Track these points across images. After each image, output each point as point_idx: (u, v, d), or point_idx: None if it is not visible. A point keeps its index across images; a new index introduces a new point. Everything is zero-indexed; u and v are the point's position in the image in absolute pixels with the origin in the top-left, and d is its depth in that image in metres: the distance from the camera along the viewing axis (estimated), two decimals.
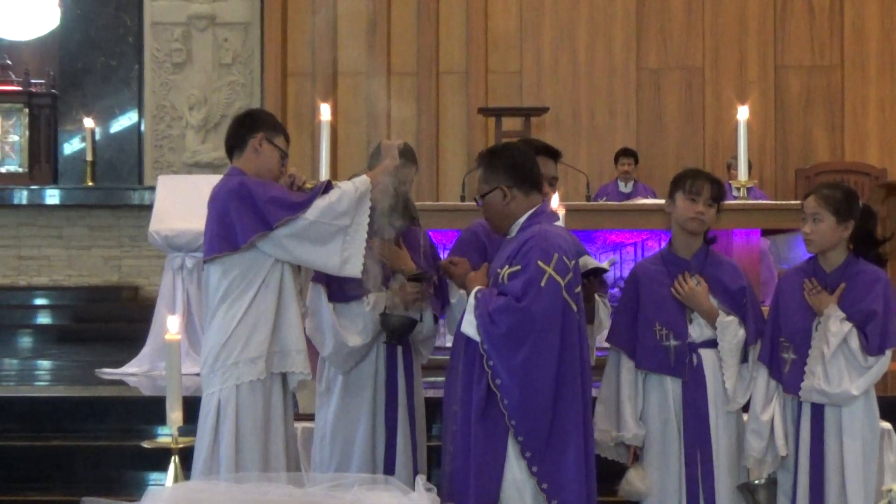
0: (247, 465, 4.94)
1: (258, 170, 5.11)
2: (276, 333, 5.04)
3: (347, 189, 5.01)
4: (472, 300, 4.74)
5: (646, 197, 11.20)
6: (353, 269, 5.00)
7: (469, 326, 4.71)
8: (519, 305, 4.59)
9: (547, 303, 4.60)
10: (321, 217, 4.94)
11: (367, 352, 5.32)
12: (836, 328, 5.02)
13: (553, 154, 5.42)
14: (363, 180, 5.07)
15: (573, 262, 4.73)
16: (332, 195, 4.99)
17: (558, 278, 4.62)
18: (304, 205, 4.95)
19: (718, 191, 5.28)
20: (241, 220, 4.93)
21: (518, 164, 4.91)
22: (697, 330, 5.26)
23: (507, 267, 4.71)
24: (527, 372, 4.58)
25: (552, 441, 4.62)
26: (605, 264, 5.23)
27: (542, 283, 4.59)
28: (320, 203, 4.96)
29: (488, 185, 4.88)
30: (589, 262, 5.13)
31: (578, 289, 4.75)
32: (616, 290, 7.59)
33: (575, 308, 4.68)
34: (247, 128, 5.18)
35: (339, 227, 4.96)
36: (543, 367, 4.59)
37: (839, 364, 5.02)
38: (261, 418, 5.00)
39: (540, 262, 4.62)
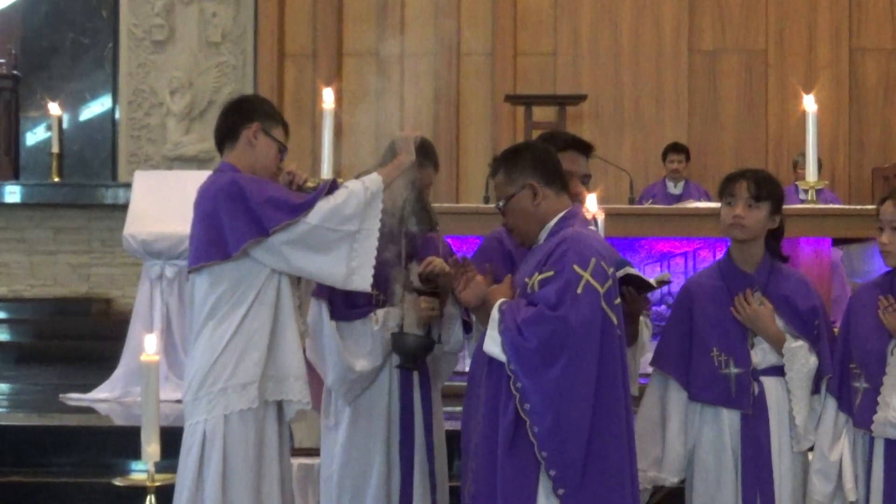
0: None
1: (252, 165, 5.12)
2: (271, 356, 5.02)
3: (356, 189, 5.01)
4: (495, 314, 4.72)
5: (698, 199, 11.19)
6: (362, 281, 5.00)
7: (492, 344, 4.69)
8: (553, 315, 4.56)
9: (584, 312, 4.58)
10: (325, 221, 4.94)
11: (374, 377, 5.32)
12: None
13: (584, 148, 5.43)
14: (374, 179, 5.07)
15: (612, 270, 4.73)
16: (339, 196, 4.99)
17: (596, 285, 4.61)
18: (305, 207, 4.95)
19: (758, 188, 5.22)
20: (232, 223, 4.92)
21: (544, 160, 4.93)
22: (760, 355, 5.24)
23: (536, 274, 4.70)
24: (560, 392, 4.55)
25: (590, 474, 4.59)
26: (652, 280, 5.21)
27: (579, 290, 4.59)
28: (324, 205, 4.96)
29: (514, 187, 4.88)
30: (631, 271, 5.12)
31: (618, 300, 4.75)
32: (663, 307, 7.60)
33: (615, 321, 4.67)
34: (240, 116, 5.17)
35: (345, 232, 4.95)
36: (579, 387, 4.56)
37: None
38: (252, 453, 4.99)
39: (576, 267, 4.61)
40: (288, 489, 5.23)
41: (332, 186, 5.05)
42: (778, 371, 5.22)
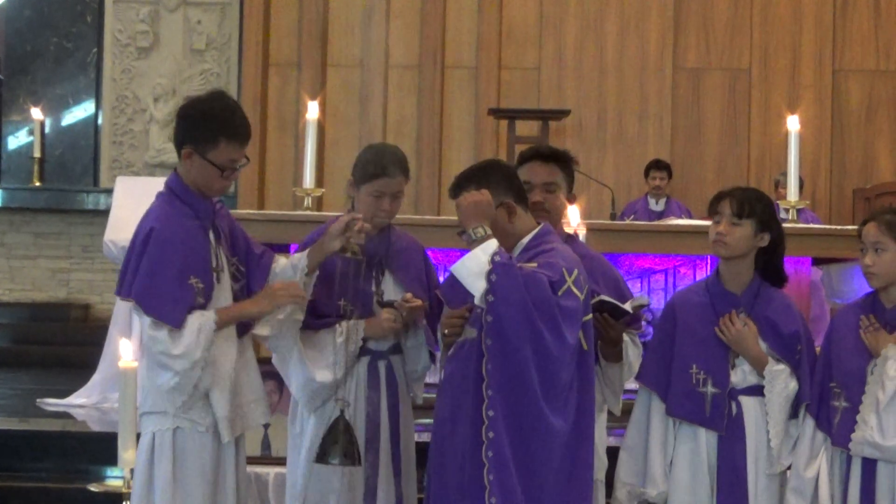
0: None
1: (195, 182, 4.99)
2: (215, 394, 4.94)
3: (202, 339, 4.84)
4: (493, 244, 4.55)
5: (680, 216, 11.21)
6: (176, 394, 4.86)
7: (474, 264, 4.52)
8: (554, 298, 4.53)
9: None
10: (164, 347, 4.79)
11: (337, 388, 5.27)
12: (894, 372, 5.00)
13: (543, 156, 5.39)
14: (209, 321, 4.87)
15: (587, 288, 4.73)
16: (199, 334, 4.82)
17: (577, 293, 4.62)
18: (168, 320, 4.78)
19: (740, 205, 5.20)
20: (130, 272, 4.87)
21: (514, 177, 4.92)
22: (740, 375, 5.23)
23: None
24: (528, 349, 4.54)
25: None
26: (627, 305, 5.21)
27: (560, 293, 4.58)
28: (187, 338, 4.80)
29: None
30: (605, 298, 5.13)
31: (588, 316, 4.75)
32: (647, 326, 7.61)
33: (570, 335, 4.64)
34: (178, 135, 5.03)
35: (171, 366, 4.82)
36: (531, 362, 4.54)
37: (895, 413, 5.03)
38: (209, 466, 4.93)
39: (564, 270, 4.62)
40: (244, 499, 5.18)
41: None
42: (757, 391, 5.20)
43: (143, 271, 4.81)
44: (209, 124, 4.93)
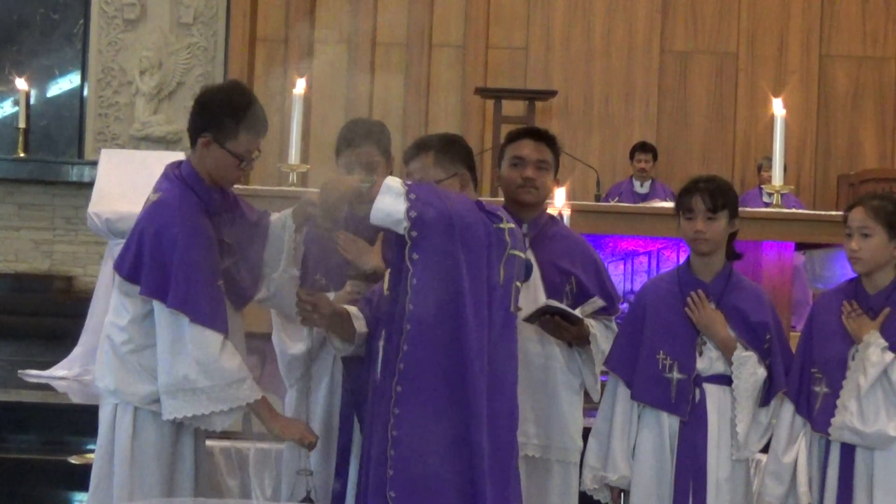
0: (148, 492, 4.88)
1: (210, 173, 4.98)
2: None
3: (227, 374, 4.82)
4: (395, 183, 4.47)
5: (664, 199, 11.20)
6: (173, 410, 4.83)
7: (390, 190, 4.42)
8: (480, 213, 4.49)
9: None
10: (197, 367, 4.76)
11: (312, 361, 5.25)
12: (875, 358, 5.02)
13: (536, 135, 5.43)
14: (250, 393, 4.89)
15: (523, 255, 4.63)
16: (223, 358, 4.80)
17: (507, 241, 4.53)
18: (201, 319, 4.76)
19: (713, 199, 5.21)
20: (149, 269, 4.83)
21: (472, 156, 4.94)
22: (706, 362, 5.25)
23: None
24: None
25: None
26: (577, 311, 5.21)
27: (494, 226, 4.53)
28: (209, 352, 4.77)
29: (445, 172, 4.80)
30: (553, 304, 5.16)
31: (519, 283, 4.62)
32: (625, 306, 7.63)
33: (500, 280, 4.52)
34: (198, 122, 5.01)
35: (190, 374, 4.77)
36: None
37: (876, 399, 5.02)
38: (168, 445, 4.91)
39: (504, 218, 4.56)
40: (204, 474, 5.16)
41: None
42: (722, 380, 5.23)
43: (179, 278, 4.76)
44: (230, 114, 4.94)
